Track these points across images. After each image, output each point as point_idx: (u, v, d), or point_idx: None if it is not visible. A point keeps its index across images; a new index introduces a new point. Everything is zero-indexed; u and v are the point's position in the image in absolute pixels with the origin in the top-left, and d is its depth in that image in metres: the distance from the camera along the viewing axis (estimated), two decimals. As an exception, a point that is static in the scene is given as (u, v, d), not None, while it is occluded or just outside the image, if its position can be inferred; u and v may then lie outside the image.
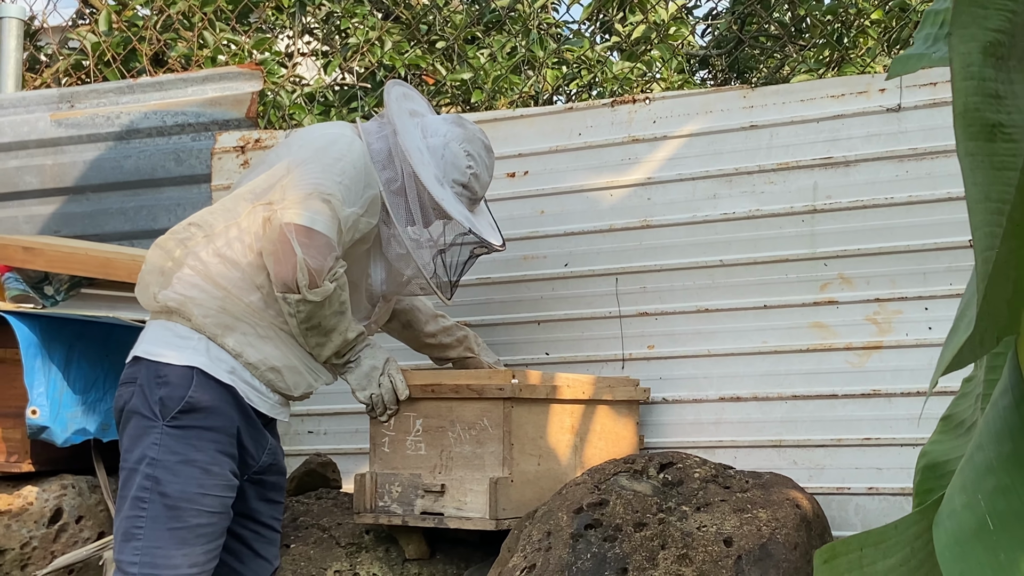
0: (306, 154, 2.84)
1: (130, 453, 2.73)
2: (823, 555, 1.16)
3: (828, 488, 3.28)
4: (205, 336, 2.75)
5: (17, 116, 4.61)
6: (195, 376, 2.72)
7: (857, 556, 1.13)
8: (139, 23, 6.04)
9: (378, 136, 2.97)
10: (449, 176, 3.00)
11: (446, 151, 3.00)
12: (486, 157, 3.08)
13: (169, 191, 4.37)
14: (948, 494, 1.05)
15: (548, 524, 2.85)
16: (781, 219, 3.39)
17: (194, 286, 2.77)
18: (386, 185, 2.89)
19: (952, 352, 1.01)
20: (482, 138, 3.08)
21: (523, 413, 3.01)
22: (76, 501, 3.45)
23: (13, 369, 3.39)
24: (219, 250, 2.79)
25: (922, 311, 3.23)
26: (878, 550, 1.13)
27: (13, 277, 3.70)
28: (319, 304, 2.75)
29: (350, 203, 2.80)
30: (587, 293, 3.62)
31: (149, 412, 2.71)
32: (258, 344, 2.78)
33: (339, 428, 3.91)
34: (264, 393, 2.81)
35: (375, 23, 6.28)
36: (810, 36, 6.53)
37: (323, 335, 2.83)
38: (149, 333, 2.82)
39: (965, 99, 0.97)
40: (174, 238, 2.85)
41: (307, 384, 2.89)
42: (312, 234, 2.72)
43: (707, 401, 3.46)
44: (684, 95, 3.60)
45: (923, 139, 3.25)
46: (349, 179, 2.82)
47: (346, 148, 2.87)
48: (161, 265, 2.82)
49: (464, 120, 3.11)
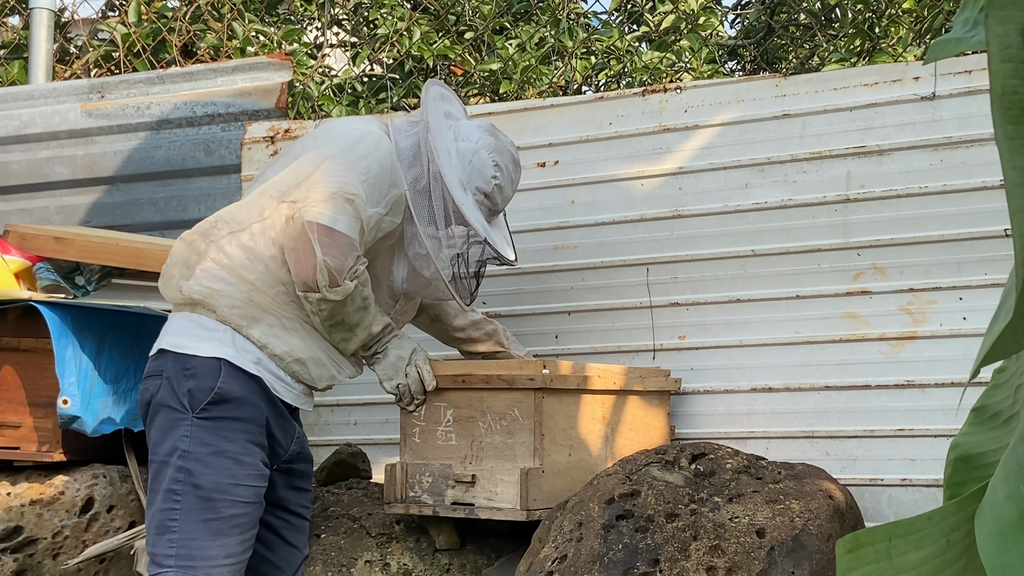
0: (332, 150, 2.83)
1: (160, 446, 2.73)
2: (846, 544, 1.13)
3: (861, 479, 3.25)
4: (231, 327, 2.74)
5: (48, 107, 4.62)
6: (223, 367, 2.72)
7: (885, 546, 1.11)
8: (168, 14, 6.06)
9: (408, 134, 2.95)
10: (473, 183, 2.97)
11: (475, 157, 2.98)
12: (513, 171, 3.05)
13: (199, 181, 4.37)
14: (991, 485, 1.03)
15: (579, 515, 2.84)
16: (814, 208, 3.37)
17: (219, 279, 2.76)
18: (412, 184, 2.87)
19: (992, 340, 0.99)
20: (512, 151, 3.06)
21: (554, 403, 3.00)
22: (107, 491, 3.46)
23: (44, 359, 3.40)
24: (243, 243, 2.78)
25: (957, 301, 3.20)
26: (908, 541, 1.11)
27: (44, 267, 3.72)
28: (340, 303, 2.74)
29: (374, 203, 2.78)
30: (618, 283, 3.60)
31: (178, 404, 2.71)
32: (284, 336, 2.77)
33: (369, 418, 3.91)
34: (289, 383, 2.81)
35: (404, 14, 6.27)
36: (841, 25, 6.48)
37: (348, 330, 2.82)
38: (173, 325, 2.81)
39: (1003, 81, 0.95)
40: (199, 231, 2.85)
41: (330, 376, 2.89)
42: (334, 234, 2.71)
43: (739, 392, 3.44)
44: (716, 84, 3.58)
45: (958, 127, 3.22)
46: (374, 178, 2.80)
47: (373, 146, 2.85)
48: (186, 258, 2.82)
49: (498, 131, 3.08)
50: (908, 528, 1.10)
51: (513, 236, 3.56)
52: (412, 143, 2.92)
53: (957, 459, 1.23)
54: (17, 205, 4.63)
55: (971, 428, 1.26)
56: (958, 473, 1.21)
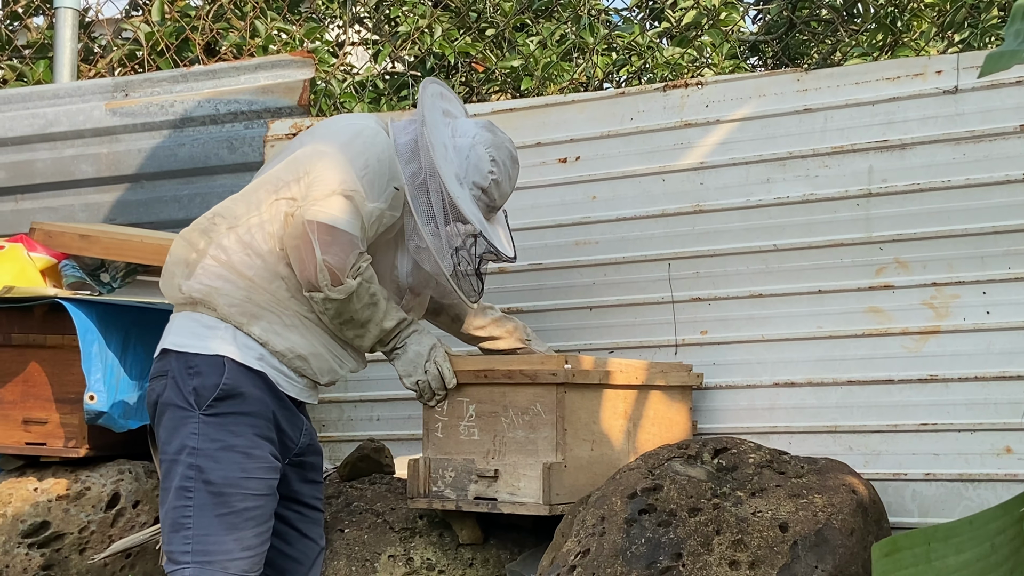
0: (330, 146, 2.83)
1: (169, 445, 2.75)
2: (883, 548, 1.13)
3: (884, 474, 3.25)
4: (231, 325, 2.76)
5: (73, 105, 4.65)
6: (226, 363, 2.74)
7: (924, 550, 1.11)
8: (191, 13, 6.09)
9: (406, 131, 2.94)
10: (470, 178, 2.96)
11: (471, 152, 2.97)
12: (511, 167, 3.04)
13: (222, 179, 4.40)
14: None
15: (602, 509, 2.85)
16: (836, 203, 3.36)
17: (218, 276, 2.78)
18: (410, 179, 2.87)
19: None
20: (510, 148, 3.05)
21: (576, 398, 3.01)
22: (133, 486, 3.49)
23: (71, 355, 3.43)
24: (241, 238, 2.79)
25: (980, 295, 3.19)
26: (949, 545, 1.11)
27: (70, 264, 3.75)
28: (345, 301, 2.75)
29: (373, 198, 2.78)
30: (640, 278, 3.61)
31: (184, 403, 2.73)
32: (284, 333, 2.79)
33: (392, 414, 3.93)
34: (292, 378, 2.83)
35: (425, 11, 6.28)
36: (862, 20, 6.46)
37: (359, 327, 2.83)
38: (175, 325, 2.83)
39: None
40: (198, 229, 2.86)
41: (332, 371, 2.90)
42: (334, 232, 2.72)
43: (761, 387, 3.44)
44: (737, 79, 3.58)
45: (981, 121, 3.21)
46: (373, 173, 2.81)
47: (370, 141, 2.86)
48: (185, 256, 2.83)
49: (496, 127, 3.07)
50: (948, 532, 1.10)
51: (534, 232, 3.57)
52: (410, 140, 2.91)
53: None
54: (43, 203, 4.67)
55: None
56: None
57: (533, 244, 3.68)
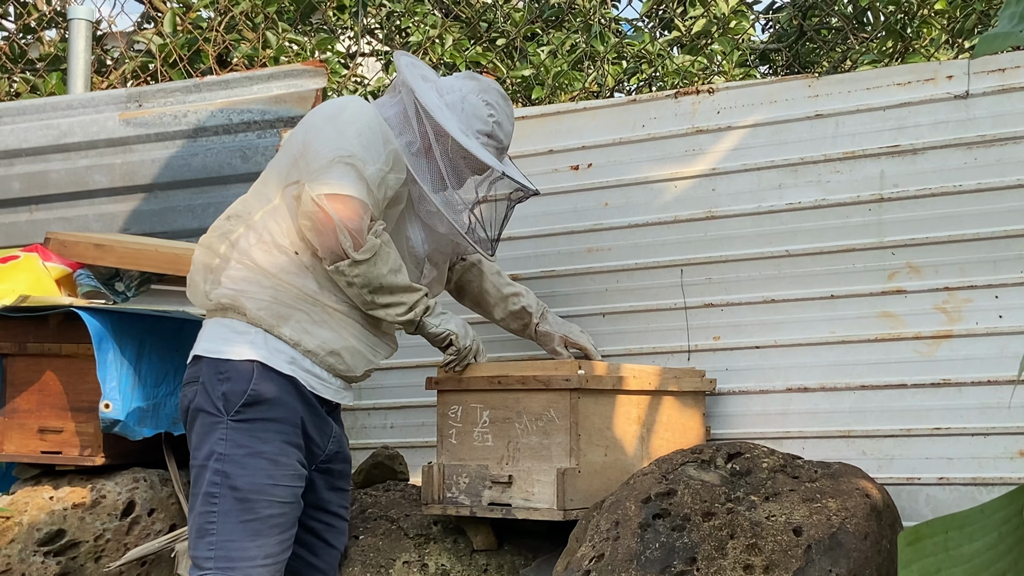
0: (320, 124, 2.84)
1: (198, 451, 2.76)
2: (907, 537, 1.15)
3: (898, 478, 3.25)
4: (262, 329, 2.76)
5: (87, 116, 4.67)
6: (255, 369, 2.74)
7: (942, 539, 1.12)
8: (203, 24, 6.11)
9: (390, 104, 2.96)
10: (472, 127, 2.97)
11: (465, 104, 2.98)
12: (504, 105, 3.06)
13: (236, 188, 4.40)
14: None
15: (616, 514, 2.85)
16: (848, 208, 3.37)
17: (244, 279, 2.78)
18: (406, 149, 2.89)
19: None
20: (496, 88, 3.07)
21: (589, 404, 3.02)
22: (148, 494, 3.50)
23: (86, 364, 3.44)
24: (261, 236, 2.80)
25: (992, 299, 3.19)
26: (963, 533, 1.12)
27: (85, 274, 3.76)
28: (371, 262, 2.75)
29: (373, 161, 2.78)
30: (652, 285, 3.61)
31: (213, 408, 2.74)
32: (313, 330, 2.79)
33: (406, 422, 3.94)
34: (326, 379, 2.83)
35: (436, 21, 6.31)
36: (873, 28, 6.47)
37: (392, 294, 2.83)
38: (207, 331, 2.84)
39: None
40: (216, 233, 2.87)
41: (367, 362, 2.90)
42: (342, 198, 2.72)
43: (774, 392, 3.44)
44: (748, 85, 3.59)
45: (992, 126, 3.21)
46: (366, 139, 2.80)
47: (358, 111, 2.86)
48: (207, 263, 2.84)
49: (475, 74, 3.11)
50: (963, 521, 1.11)
51: (546, 239, 3.58)
52: (398, 111, 2.93)
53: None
54: (57, 213, 4.68)
55: None
56: None
57: (546, 251, 3.70)
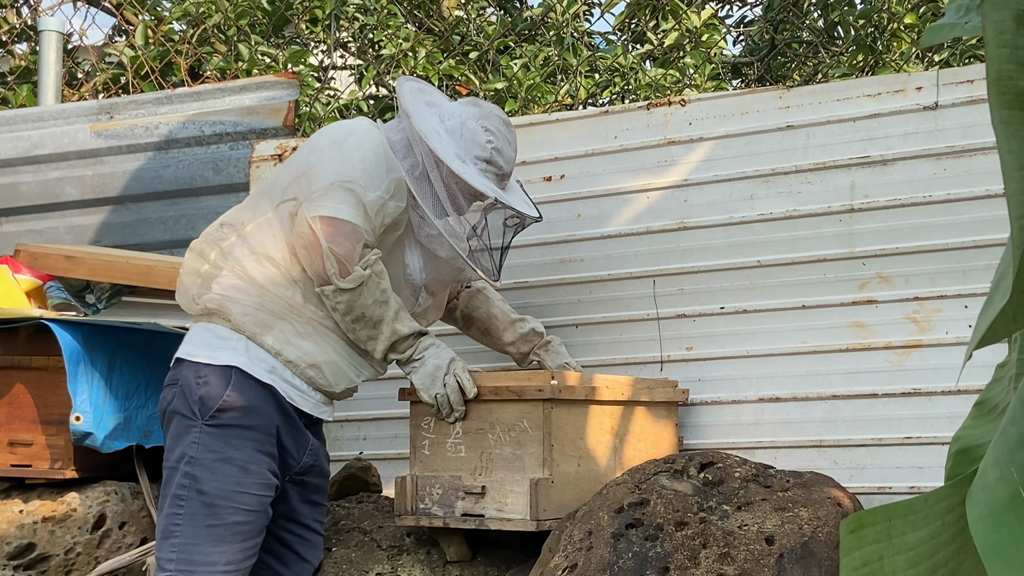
0: (326, 145, 2.87)
1: (171, 452, 2.77)
2: (850, 524, 1.15)
3: (869, 488, 3.26)
4: (244, 336, 2.78)
5: (57, 128, 4.66)
6: (234, 375, 2.75)
7: (885, 527, 1.13)
8: (175, 37, 6.10)
9: (397, 129, 2.98)
10: (471, 153, 2.98)
11: (464, 130, 2.99)
12: (506, 131, 3.06)
13: (208, 200, 4.40)
14: (981, 468, 1.05)
15: (589, 524, 2.85)
16: (819, 219, 3.38)
17: (232, 286, 2.80)
18: (409, 173, 2.90)
19: (987, 323, 1.01)
20: (499, 114, 3.08)
21: (562, 414, 3.02)
22: (119, 507, 3.48)
23: (56, 377, 3.42)
24: (253, 248, 2.82)
25: (962, 309, 3.22)
26: (907, 522, 1.13)
27: (55, 286, 3.75)
28: (355, 292, 2.76)
29: (374, 188, 2.80)
30: (625, 296, 3.62)
31: (189, 412, 2.74)
32: (296, 341, 2.80)
33: (379, 433, 3.93)
34: (305, 392, 2.83)
35: (408, 34, 6.31)
36: (843, 42, 6.51)
37: (371, 327, 2.83)
38: (191, 335, 2.86)
39: (999, 66, 0.97)
40: (207, 240, 2.89)
41: (348, 379, 2.90)
42: (336, 223, 2.74)
43: (746, 402, 3.46)
44: (720, 96, 3.60)
45: (961, 136, 3.24)
46: (370, 165, 2.82)
47: (364, 136, 2.88)
48: (197, 268, 2.86)
49: (479, 100, 3.12)
50: (907, 509, 1.12)
51: (519, 250, 3.58)
52: (402, 137, 2.95)
53: (958, 452, 1.25)
54: (27, 226, 4.67)
55: (972, 422, 1.28)
56: (958, 465, 1.23)
57: (519, 262, 3.70)
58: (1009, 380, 1.27)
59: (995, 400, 1.30)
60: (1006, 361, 1.31)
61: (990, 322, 0.99)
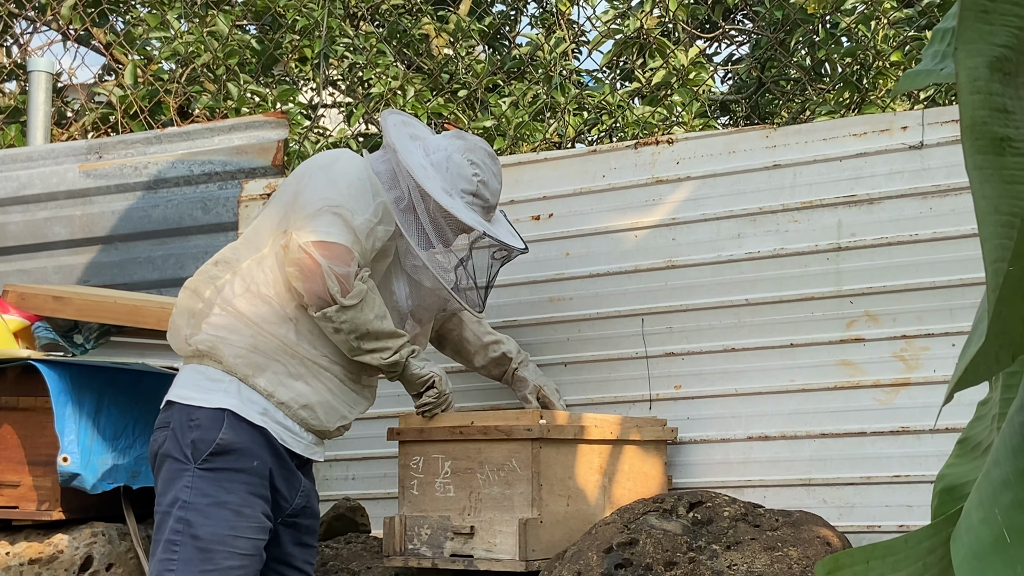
0: (311, 172, 2.88)
1: (163, 496, 2.75)
2: (826, 566, 1.15)
3: (859, 526, 3.25)
4: (236, 378, 2.76)
5: (46, 168, 4.66)
6: (226, 418, 2.73)
7: (863, 568, 1.13)
8: (164, 76, 6.12)
9: (382, 160, 3.01)
10: (457, 187, 3.01)
11: (449, 163, 3.02)
12: (491, 164, 3.10)
13: (197, 239, 4.40)
14: (966, 509, 1.05)
15: (578, 564, 2.85)
16: (806, 257, 3.39)
17: (224, 327, 2.79)
18: (395, 204, 2.92)
19: (965, 364, 1.01)
20: (484, 146, 3.11)
21: (551, 454, 3.02)
22: (106, 548, 3.46)
23: (44, 417, 3.40)
24: (247, 286, 2.81)
25: (949, 347, 3.22)
26: (886, 563, 1.13)
27: (43, 326, 3.73)
28: (357, 308, 2.76)
29: (361, 212, 2.81)
30: (614, 334, 3.62)
31: (181, 455, 2.73)
32: (289, 382, 2.79)
33: (367, 473, 3.91)
34: (298, 433, 2.82)
35: (398, 73, 6.34)
36: (830, 79, 6.56)
37: (377, 340, 2.83)
38: (182, 377, 2.84)
39: (972, 112, 0.98)
40: (201, 278, 2.88)
41: (341, 417, 2.90)
42: (329, 245, 2.74)
43: (735, 440, 3.45)
44: (707, 136, 3.62)
45: (946, 176, 3.25)
46: (356, 189, 2.83)
47: (348, 163, 2.90)
48: (191, 307, 2.85)
49: (464, 133, 3.15)
50: (886, 550, 1.12)
51: (508, 288, 3.58)
52: (387, 168, 2.98)
53: (942, 490, 1.25)
54: (15, 266, 4.66)
55: (955, 460, 1.28)
56: (943, 504, 1.23)
57: (507, 301, 3.70)
58: (992, 419, 1.27)
59: (978, 438, 1.31)
60: (988, 399, 1.32)
61: (967, 364, 1.00)
